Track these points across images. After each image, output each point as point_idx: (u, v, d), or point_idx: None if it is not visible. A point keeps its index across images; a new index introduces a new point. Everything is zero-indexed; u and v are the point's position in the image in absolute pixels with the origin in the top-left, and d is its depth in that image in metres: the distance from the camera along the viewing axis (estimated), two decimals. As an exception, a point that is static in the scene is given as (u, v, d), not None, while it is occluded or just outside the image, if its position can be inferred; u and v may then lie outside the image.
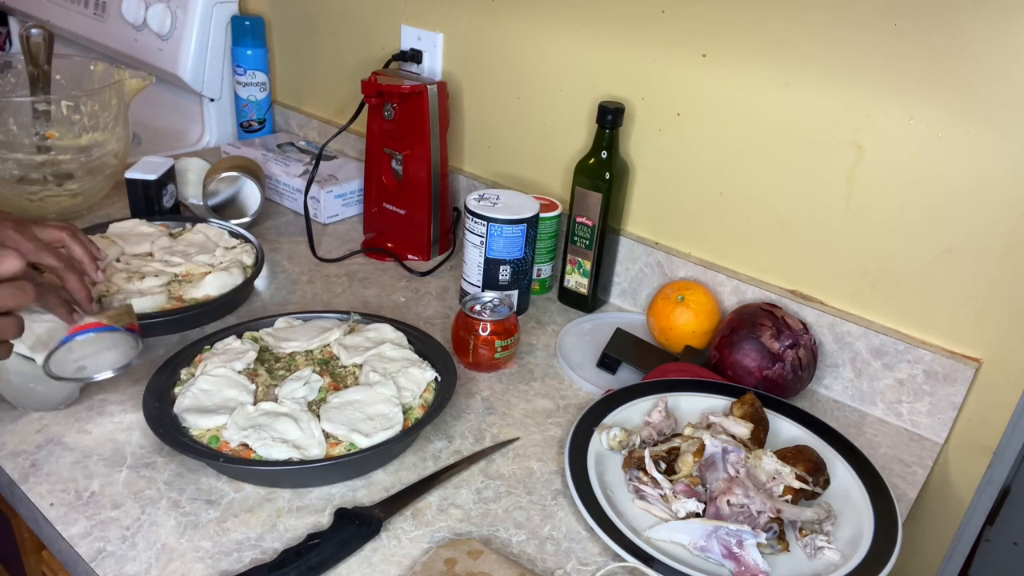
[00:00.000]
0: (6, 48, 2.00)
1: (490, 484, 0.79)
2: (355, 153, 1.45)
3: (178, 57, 1.47)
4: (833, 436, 0.84)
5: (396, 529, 0.72)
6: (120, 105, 1.19)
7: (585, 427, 0.83)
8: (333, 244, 1.25)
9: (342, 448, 0.76)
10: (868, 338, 0.94)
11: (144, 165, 1.17)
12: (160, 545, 0.69)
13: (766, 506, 0.72)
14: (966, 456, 0.93)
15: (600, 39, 1.07)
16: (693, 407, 0.88)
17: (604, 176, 1.03)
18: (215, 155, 1.47)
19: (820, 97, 0.91)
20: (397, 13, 1.30)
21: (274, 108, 1.58)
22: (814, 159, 0.93)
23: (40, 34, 1.18)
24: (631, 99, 1.06)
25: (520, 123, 1.20)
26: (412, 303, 1.10)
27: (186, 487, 0.75)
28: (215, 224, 1.14)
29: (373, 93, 1.13)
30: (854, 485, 0.78)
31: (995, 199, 0.83)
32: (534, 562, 0.70)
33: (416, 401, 0.83)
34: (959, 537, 0.97)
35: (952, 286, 0.88)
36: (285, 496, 0.75)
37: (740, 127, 0.98)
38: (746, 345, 0.92)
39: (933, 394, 0.91)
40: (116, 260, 1.01)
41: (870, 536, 0.72)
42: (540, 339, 1.05)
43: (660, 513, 0.75)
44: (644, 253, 1.10)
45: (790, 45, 0.91)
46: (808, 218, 0.96)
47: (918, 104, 0.85)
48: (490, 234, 1.02)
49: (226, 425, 0.76)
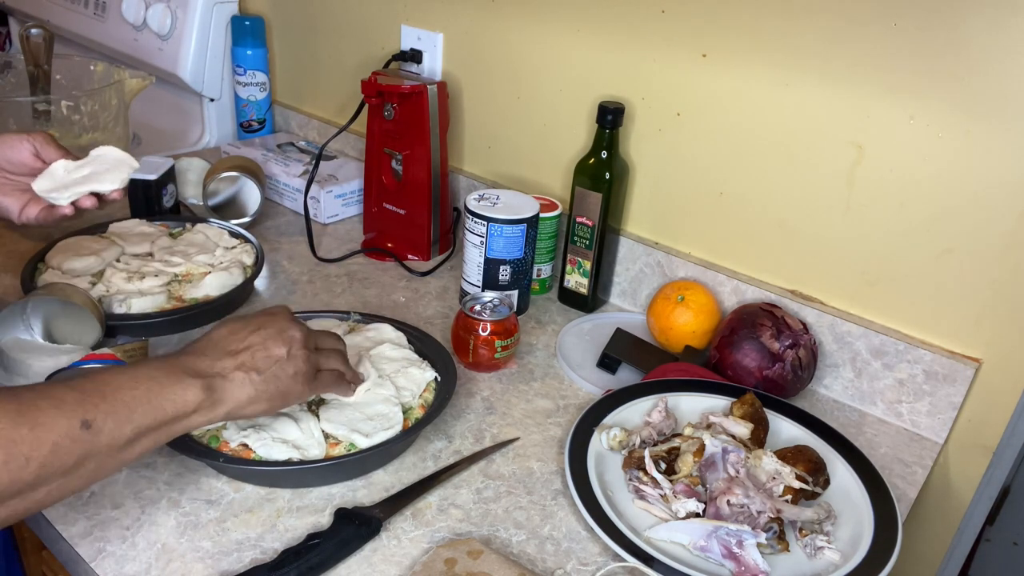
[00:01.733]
0: (6, 48, 2.00)
1: (490, 484, 0.79)
2: (355, 153, 1.45)
3: (178, 57, 1.47)
4: (833, 436, 0.84)
5: (396, 529, 0.72)
6: (120, 105, 1.19)
7: (585, 427, 0.83)
8: (333, 244, 1.25)
9: (342, 448, 0.76)
10: (868, 338, 0.94)
11: (144, 165, 1.17)
12: (160, 545, 0.69)
13: (766, 506, 0.72)
14: (966, 456, 0.93)
15: (600, 39, 1.07)
16: (693, 407, 0.88)
17: (604, 176, 1.03)
18: (215, 155, 1.47)
19: (820, 97, 0.91)
20: (397, 13, 1.30)
21: (274, 108, 1.58)
22: (814, 159, 0.93)
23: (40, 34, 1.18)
24: (631, 99, 1.06)
25: (520, 123, 1.20)
26: (412, 303, 1.10)
27: (186, 487, 0.75)
28: (215, 224, 1.13)
29: (373, 93, 1.13)
30: (854, 485, 0.78)
31: (995, 199, 0.83)
32: (534, 562, 0.70)
33: (416, 401, 0.83)
34: (959, 537, 0.97)
35: (952, 286, 0.88)
36: (285, 496, 0.75)
37: (740, 127, 0.98)
38: (746, 345, 0.92)
39: (933, 394, 0.91)
40: (116, 260, 1.01)
41: (870, 536, 0.72)
42: (540, 339, 1.05)
43: (660, 513, 0.75)
44: (644, 253, 1.10)
45: (790, 45, 0.91)
46: (808, 218, 0.96)
47: (918, 104, 0.85)
48: (490, 234, 1.02)
49: (226, 425, 0.76)
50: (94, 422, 0.56)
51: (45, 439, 0.53)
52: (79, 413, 0.55)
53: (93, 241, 1.04)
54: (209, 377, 0.64)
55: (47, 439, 0.53)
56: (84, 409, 0.55)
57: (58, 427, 0.54)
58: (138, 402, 0.59)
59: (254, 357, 0.67)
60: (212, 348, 0.67)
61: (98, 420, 0.56)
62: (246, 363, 0.67)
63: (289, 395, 0.70)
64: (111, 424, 0.57)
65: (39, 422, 0.53)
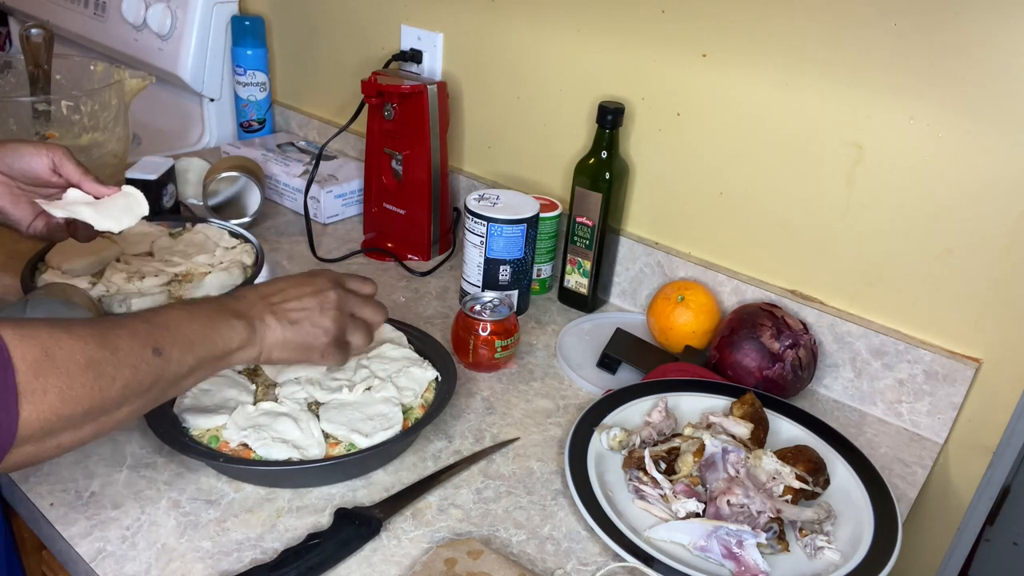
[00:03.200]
0: (6, 48, 2.00)
1: (490, 484, 0.79)
2: (355, 153, 1.45)
3: (178, 57, 1.47)
4: (833, 436, 0.84)
5: (396, 529, 0.72)
6: (120, 105, 1.19)
7: (585, 427, 0.83)
8: (333, 244, 1.25)
9: (342, 448, 0.76)
10: (868, 338, 0.94)
11: (144, 165, 1.17)
12: (160, 545, 0.69)
13: (766, 506, 0.72)
14: (966, 456, 0.93)
15: (600, 39, 1.07)
16: (693, 407, 0.88)
17: (604, 176, 1.03)
18: (215, 155, 1.47)
19: (820, 97, 0.91)
20: (397, 13, 1.30)
21: (274, 108, 1.58)
22: (814, 159, 0.93)
23: (40, 34, 1.18)
24: (631, 99, 1.06)
25: (520, 123, 1.20)
26: (412, 303, 1.10)
27: (186, 487, 0.75)
28: (215, 224, 1.13)
29: (373, 93, 1.13)
30: (854, 485, 0.78)
31: (995, 199, 0.83)
32: (534, 562, 0.70)
33: (416, 401, 0.83)
34: (959, 537, 0.97)
35: (952, 286, 0.88)
36: (285, 496, 0.75)
37: (740, 127, 0.98)
38: (746, 345, 0.92)
39: (933, 394, 0.91)
40: (116, 260, 1.01)
41: (870, 536, 0.72)
42: (540, 339, 1.05)
43: (660, 513, 0.75)
44: (644, 253, 1.10)
45: (790, 45, 0.91)
46: (808, 218, 0.96)
47: (918, 104, 0.85)
48: (490, 234, 1.02)
49: (226, 425, 0.76)
50: (163, 350, 0.62)
51: (126, 362, 0.59)
52: (150, 341, 0.61)
53: (93, 241, 1.03)
54: (248, 318, 0.70)
55: (128, 362, 0.59)
56: (153, 338, 0.62)
57: (135, 352, 0.60)
58: (196, 335, 0.65)
59: (288, 307, 0.73)
60: (253, 294, 0.74)
61: (166, 348, 0.62)
62: (279, 310, 0.73)
63: (312, 349, 0.74)
64: (177, 353, 0.63)
65: (119, 347, 0.59)
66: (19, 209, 0.85)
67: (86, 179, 0.84)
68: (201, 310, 0.68)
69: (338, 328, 0.75)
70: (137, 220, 0.85)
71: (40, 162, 0.83)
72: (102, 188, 0.84)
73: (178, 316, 0.65)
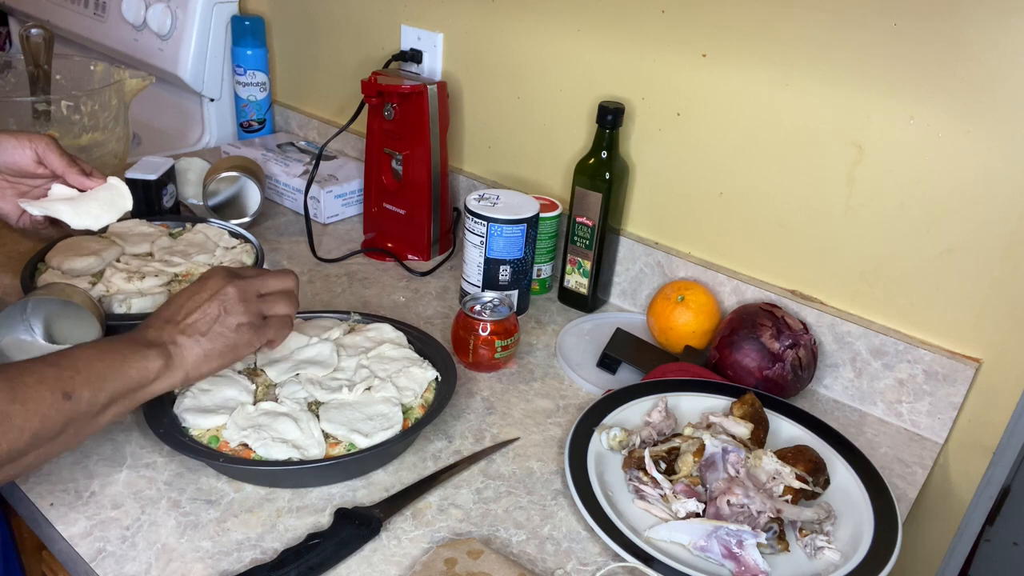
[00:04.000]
0: (6, 48, 2.00)
1: (490, 484, 0.79)
2: (355, 153, 1.45)
3: (178, 57, 1.47)
4: (833, 436, 0.84)
5: (396, 529, 0.72)
6: (120, 105, 1.19)
7: (585, 427, 0.83)
8: (333, 244, 1.25)
9: (342, 448, 0.76)
10: (868, 338, 0.94)
11: (144, 165, 1.17)
12: (160, 545, 0.69)
13: (766, 506, 0.72)
14: (966, 456, 0.93)
15: (600, 39, 1.07)
16: (693, 407, 0.88)
17: (604, 176, 1.03)
18: (215, 155, 1.47)
19: (820, 97, 0.91)
20: (397, 13, 1.30)
21: (274, 108, 1.58)
22: (814, 159, 0.93)
23: (40, 34, 1.18)
24: (631, 99, 1.06)
25: (520, 123, 1.20)
26: (412, 303, 1.10)
27: (186, 487, 0.75)
28: (215, 224, 1.13)
29: (373, 93, 1.13)
30: (854, 485, 0.78)
31: (995, 199, 0.83)
32: (534, 562, 0.70)
33: (416, 401, 0.83)
34: (959, 537, 0.97)
35: (952, 286, 0.88)
36: (285, 496, 0.75)
37: (740, 127, 0.98)
38: (746, 345, 0.92)
39: (933, 394, 0.91)
40: (116, 260, 1.01)
41: (870, 536, 0.72)
42: (540, 339, 1.05)
43: (660, 513, 0.75)
44: (644, 253, 1.10)
45: (790, 45, 0.91)
46: (808, 218, 0.96)
47: (918, 104, 0.85)
48: (490, 234, 1.02)
49: (226, 425, 0.76)
50: (73, 393, 0.62)
51: (35, 411, 0.59)
52: (59, 386, 0.61)
53: (93, 241, 1.03)
54: (161, 345, 0.70)
55: (37, 411, 0.59)
56: (62, 383, 0.61)
57: (44, 400, 0.60)
58: (108, 372, 0.65)
59: (192, 320, 0.72)
60: (157, 320, 0.73)
61: (76, 391, 0.62)
62: (187, 328, 0.71)
63: (238, 347, 0.73)
64: (88, 393, 0.63)
65: (28, 397, 0.59)
66: (6, 203, 0.85)
67: (71, 171, 0.83)
68: (112, 346, 0.67)
69: (251, 315, 0.74)
70: (120, 215, 0.85)
71: (24, 154, 0.82)
72: (86, 181, 0.84)
73: (88, 355, 0.65)
